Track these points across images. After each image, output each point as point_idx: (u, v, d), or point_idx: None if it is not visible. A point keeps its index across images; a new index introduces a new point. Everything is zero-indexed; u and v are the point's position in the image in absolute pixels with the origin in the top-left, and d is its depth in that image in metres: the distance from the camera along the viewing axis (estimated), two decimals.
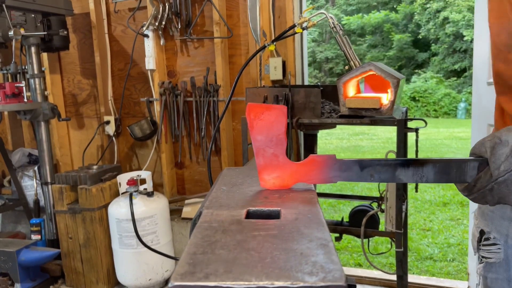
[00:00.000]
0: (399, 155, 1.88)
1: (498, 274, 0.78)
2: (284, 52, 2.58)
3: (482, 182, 0.59)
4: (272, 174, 0.66)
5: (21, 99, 2.59)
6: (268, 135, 0.64)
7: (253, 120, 0.64)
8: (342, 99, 1.84)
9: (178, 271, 0.39)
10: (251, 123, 0.64)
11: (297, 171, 0.66)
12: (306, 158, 0.66)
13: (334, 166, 0.65)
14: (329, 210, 4.59)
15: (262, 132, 0.64)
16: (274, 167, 0.66)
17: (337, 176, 0.66)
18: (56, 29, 2.69)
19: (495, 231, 0.79)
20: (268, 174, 0.66)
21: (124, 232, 2.51)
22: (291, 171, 0.66)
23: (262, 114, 0.63)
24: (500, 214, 0.78)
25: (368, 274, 2.71)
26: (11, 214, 3.38)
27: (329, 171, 0.65)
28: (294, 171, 0.66)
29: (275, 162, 0.65)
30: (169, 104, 2.82)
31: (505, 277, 0.77)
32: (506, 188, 0.55)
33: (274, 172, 0.66)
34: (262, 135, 0.64)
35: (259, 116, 0.63)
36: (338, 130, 10.44)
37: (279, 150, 0.64)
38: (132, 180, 2.54)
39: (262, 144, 0.64)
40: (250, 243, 0.45)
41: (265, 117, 0.63)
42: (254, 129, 0.64)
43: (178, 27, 2.73)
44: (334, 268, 0.39)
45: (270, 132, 0.64)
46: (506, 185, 0.55)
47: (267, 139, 0.64)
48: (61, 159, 3.22)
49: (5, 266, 2.52)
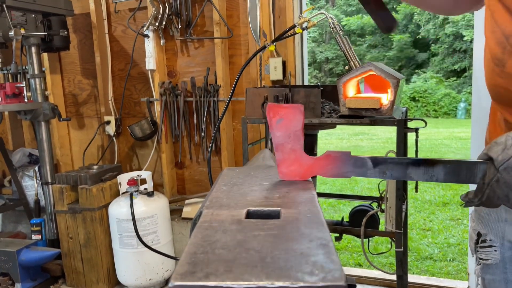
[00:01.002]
0: (399, 155, 1.88)
1: (495, 275, 0.80)
2: (284, 52, 2.58)
3: (489, 175, 0.62)
4: (290, 167, 0.70)
5: (21, 99, 2.59)
6: (287, 131, 0.69)
7: (272, 118, 0.68)
8: (342, 99, 1.84)
9: (178, 271, 0.39)
10: (271, 121, 0.68)
11: (314, 165, 0.70)
12: (323, 153, 0.70)
13: (349, 162, 0.69)
14: (329, 210, 4.59)
15: (281, 129, 0.68)
16: (292, 160, 0.70)
17: (351, 171, 0.69)
18: (57, 29, 2.69)
19: (491, 233, 0.81)
20: (287, 167, 0.70)
21: (124, 232, 2.52)
22: (308, 165, 0.70)
23: (280, 113, 0.68)
24: (496, 216, 0.79)
25: (368, 274, 2.71)
26: (12, 214, 3.38)
27: (344, 167, 0.69)
28: (311, 165, 0.70)
29: (293, 156, 0.69)
30: (169, 104, 2.82)
31: (502, 279, 0.79)
32: (508, 175, 0.60)
33: (292, 166, 0.70)
34: (281, 131, 0.68)
35: (278, 114, 0.68)
36: (338, 130, 10.43)
37: (297, 145, 0.69)
38: (133, 180, 2.54)
39: (281, 140, 0.69)
40: (250, 243, 0.46)
41: (284, 115, 0.68)
42: (273, 126, 0.68)
43: (178, 27, 2.73)
44: (334, 268, 0.39)
45: (288, 129, 0.68)
46: (508, 172, 0.60)
47: (285, 135, 0.69)
48: (62, 159, 3.23)
49: (5, 266, 2.52)
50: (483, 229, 0.83)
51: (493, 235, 0.81)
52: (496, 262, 0.79)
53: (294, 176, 0.70)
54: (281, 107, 0.68)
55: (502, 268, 0.79)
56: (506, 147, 0.60)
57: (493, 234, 0.81)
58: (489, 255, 0.81)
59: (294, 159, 0.69)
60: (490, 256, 0.80)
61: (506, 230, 0.78)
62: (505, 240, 0.79)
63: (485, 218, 0.82)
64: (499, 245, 0.80)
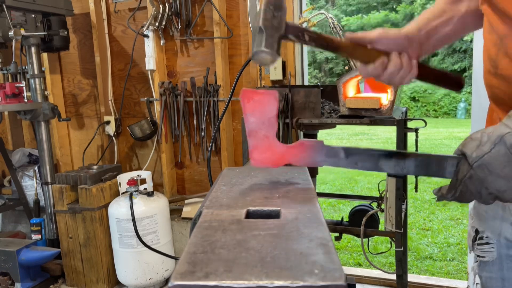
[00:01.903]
0: None
1: (492, 273, 0.80)
2: (284, 52, 2.58)
3: (462, 171, 0.62)
4: (263, 154, 0.69)
5: (21, 99, 2.59)
6: (260, 117, 0.67)
7: (247, 103, 0.67)
8: (342, 99, 1.84)
9: (178, 271, 0.39)
10: (245, 106, 0.67)
11: (287, 153, 0.69)
12: (296, 142, 0.69)
13: (321, 151, 0.68)
14: (329, 209, 4.59)
15: (255, 114, 0.67)
16: (265, 148, 0.68)
17: (324, 161, 0.68)
18: (56, 29, 2.69)
19: (489, 231, 0.82)
20: (259, 154, 0.69)
21: (124, 231, 2.52)
22: (280, 153, 0.69)
23: (255, 98, 0.67)
24: (493, 214, 0.80)
25: (368, 273, 2.71)
26: (11, 214, 3.38)
27: (317, 156, 0.68)
28: (284, 152, 0.69)
29: (266, 143, 0.68)
30: (169, 104, 2.82)
31: (499, 276, 0.80)
32: (482, 172, 0.60)
33: (265, 153, 0.69)
34: (255, 117, 0.67)
35: (252, 99, 0.67)
36: (338, 130, 10.43)
37: (270, 132, 0.68)
38: (132, 180, 2.54)
39: (254, 126, 0.68)
40: (250, 242, 0.46)
41: (258, 101, 0.67)
42: (247, 112, 0.67)
43: (178, 27, 2.73)
44: (334, 268, 0.39)
45: (263, 115, 0.67)
46: (482, 169, 0.60)
47: (259, 122, 0.67)
48: (61, 159, 3.23)
49: (5, 266, 2.52)
50: (481, 226, 0.84)
51: (490, 232, 0.81)
52: (493, 259, 0.80)
53: (267, 163, 0.69)
54: (256, 93, 0.67)
55: (499, 265, 0.80)
56: (481, 143, 0.60)
57: (490, 231, 0.81)
58: (486, 252, 0.81)
59: (267, 146, 0.68)
60: (487, 253, 0.81)
61: (503, 227, 0.79)
62: (502, 237, 0.80)
63: (482, 215, 0.83)
64: (495, 242, 0.80)
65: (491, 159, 0.58)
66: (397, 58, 0.78)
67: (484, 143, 0.60)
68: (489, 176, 0.59)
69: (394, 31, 0.81)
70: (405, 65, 0.79)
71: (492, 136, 0.60)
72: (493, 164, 0.58)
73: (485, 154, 0.59)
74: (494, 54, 0.73)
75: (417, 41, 0.82)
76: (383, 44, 0.79)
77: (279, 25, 0.76)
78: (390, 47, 0.79)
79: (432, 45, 0.85)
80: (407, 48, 0.80)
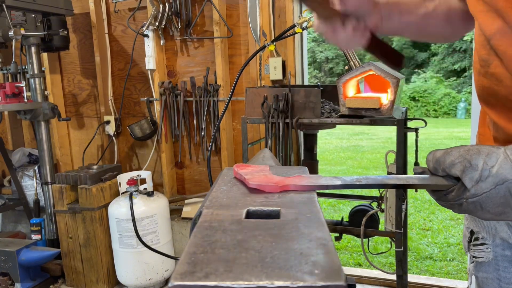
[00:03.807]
0: (399, 155, 1.88)
1: (488, 273, 0.80)
2: (284, 52, 2.58)
3: (454, 196, 0.61)
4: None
5: (21, 99, 2.59)
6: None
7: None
8: (342, 99, 1.84)
9: (178, 271, 0.39)
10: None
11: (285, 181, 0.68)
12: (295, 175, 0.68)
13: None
14: (329, 209, 4.59)
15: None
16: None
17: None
18: (56, 29, 2.69)
19: (484, 231, 0.81)
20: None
21: (124, 231, 2.52)
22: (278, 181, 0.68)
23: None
24: None
25: (368, 273, 2.71)
26: (11, 214, 3.38)
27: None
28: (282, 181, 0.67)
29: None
30: (169, 104, 2.82)
31: (495, 276, 0.79)
32: (473, 207, 0.58)
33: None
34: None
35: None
36: (338, 130, 10.43)
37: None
38: (132, 180, 2.54)
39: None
40: (250, 242, 0.46)
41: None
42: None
43: (178, 27, 2.73)
44: (334, 268, 0.39)
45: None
46: (474, 206, 0.58)
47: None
48: (61, 159, 3.23)
49: (5, 266, 2.52)
50: (476, 226, 0.83)
51: (486, 232, 0.81)
52: (489, 259, 0.80)
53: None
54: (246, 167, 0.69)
55: (495, 265, 0.79)
56: (481, 178, 0.57)
57: (486, 231, 0.81)
58: (482, 253, 0.81)
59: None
60: (482, 254, 0.81)
61: (498, 227, 0.79)
62: (497, 238, 0.79)
63: None
64: (491, 242, 0.80)
65: (487, 199, 0.57)
66: (350, 28, 0.77)
67: (485, 179, 0.57)
68: (479, 211, 0.59)
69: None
70: (356, 36, 0.78)
71: (494, 174, 0.56)
72: (488, 203, 0.57)
73: (484, 193, 0.57)
74: (485, 54, 0.73)
75: (379, 12, 0.81)
76: (348, 2, 0.77)
77: None
78: (353, 4, 0.77)
79: (393, 27, 0.84)
80: (369, 13, 0.79)
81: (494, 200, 0.56)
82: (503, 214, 0.57)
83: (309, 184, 0.63)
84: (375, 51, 0.85)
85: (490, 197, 0.56)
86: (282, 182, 0.64)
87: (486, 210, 0.57)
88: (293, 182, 0.64)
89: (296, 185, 0.63)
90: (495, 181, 0.55)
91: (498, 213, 0.57)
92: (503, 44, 0.68)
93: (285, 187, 0.64)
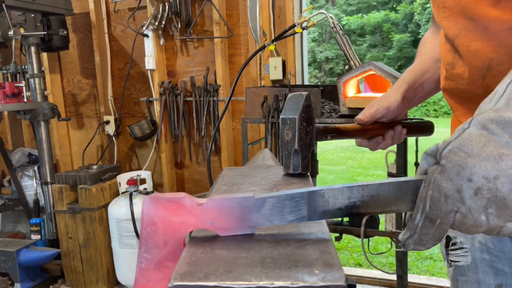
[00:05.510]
0: (399, 155, 1.88)
1: (467, 276, 0.80)
2: (284, 52, 2.58)
3: (429, 172, 0.47)
4: None
5: (21, 99, 2.59)
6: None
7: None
8: (342, 99, 1.84)
9: (178, 271, 0.39)
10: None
11: None
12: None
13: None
14: None
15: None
16: None
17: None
18: (56, 28, 2.69)
19: (461, 236, 0.81)
20: None
21: (124, 231, 2.51)
22: None
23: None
24: None
25: (368, 274, 2.71)
26: (11, 214, 3.38)
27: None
28: None
29: None
30: (169, 104, 2.82)
31: (474, 279, 0.79)
32: (457, 156, 0.44)
33: None
34: None
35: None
36: None
37: None
38: (132, 180, 2.54)
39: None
40: (250, 243, 0.45)
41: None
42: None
43: (178, 26, 2.73)
44: (334, 268, 0.39)
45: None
46: (455, 153, 0.45)
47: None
48: (61, 159, 3.22)
49: (5, 266, 2.51)
50: (452, 232, 0.82)
51: (463, 237, 0.81)
52: (468, 263, 0.79)
53: None
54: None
55: (474, 269, 0.79)
56: (444, 141, 0.46)
57: (463, 236, 0.81)
58: (460, 257, 0.81)
59: None
60: (461, 258, 0.80)
61: None
62: (476, 241, 0.79)
63: None
64: (469, 247, 0.80)
65: (463, 141, 0.44)
66: (390, 138, 0.92)
67: (452, 137, 0.46)
68: (468, 158, 0.43)
69: (393, 102, 0.91)
70: (394, 141, 0.93)
71: (458, 128, 0.47)
72: (468, 144, 0.44)
73: (454, 139, 0.45)
74: (451, 57, 0.76)
75: (407, 102, 0.93)
76: (387, 118, 0.91)
77: (311, 142, 0.76)
78: (393, 116, 0.91)
79: (417, 101, 0.97)
80: (403, 110, 0.93)
81: (472, 140, 0.43)
82: (504, 157, 0.42)
83: None
84: (411, 135, 1.02)
85: (465, 138, 0.44)
86: None
87: (476, 155, 0.43)
88: None
89: None
90: (460, 127, 0.46)
91: (496, 156, 0.42)
92: (466, 40, 0.70)
93: None
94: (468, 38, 0.70)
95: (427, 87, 0.94)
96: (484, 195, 0.42)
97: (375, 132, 0.92)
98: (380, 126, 0.92)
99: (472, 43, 0.69)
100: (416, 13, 18.21)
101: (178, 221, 0.46)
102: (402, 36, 18.19)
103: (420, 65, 0.96)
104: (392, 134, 0.92)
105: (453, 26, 0.73)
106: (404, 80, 0.95)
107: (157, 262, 0.47)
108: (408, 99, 0.94)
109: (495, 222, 0.42)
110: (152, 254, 0.46)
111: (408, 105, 0.95)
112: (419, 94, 0.95)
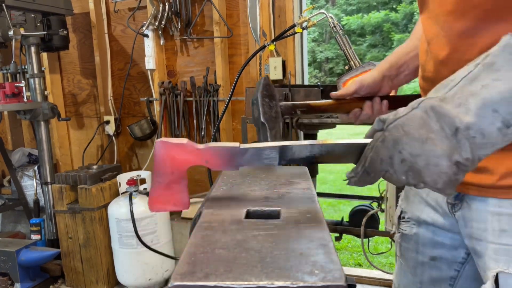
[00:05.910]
0: None
1: (409, 244, 0.96)
2: (284, 52, 2.58)
3: (375, 137, 0.60)
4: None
5: (21, 99, 2.58)
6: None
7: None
8: None
9: (178, 271, 0.39)
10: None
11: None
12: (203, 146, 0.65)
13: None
14: (329, 210, 4.59)
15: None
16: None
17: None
18: (56, 28, 2.69)
19: (410, 212, 0.96)
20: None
21: (124, 232, 2.51)
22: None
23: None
24: (418, 199, 0.93)
25: (368, 273, 2.71)
26: (11, 214, 3.38)
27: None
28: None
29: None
30: (169, 104, 2.82)
31: (414, 248, 0.95)
32: (397, 132, 0.57)
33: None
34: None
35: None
36: (338, 130, 10.41)
37: None
38: (132, 180, 2.54)
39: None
40: (250, 243, 0.46)
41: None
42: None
43: (178, 26, 2.73)
44: (334, 268, 0.39)
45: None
46: (396, 129, 0.57)
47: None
48: (61, 159, 3.22)
49: (5, 266, 2.52)
50: (406, 207, 0.97)
51: (411, 213, 0.95)
52: (411, 234, 0.95)
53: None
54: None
55: (415, 239, 0.94)
56: (397, 112, 0.58)
57: (412, 213, 0.95)
58: (407, 227, 0.96)
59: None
60: (407, 228, 0.96)
61: (424, 211, 0.91)
62: (420, 219, 0.92)
63: (410, 199, 0.97)
64: (416, 223, 0.94)
65: (406, 120, 0.56)
66: (369, 108, 0.96)
67: (401, 111, 0.58)
68: (404, 136, 0.55)
69: (368, 77, 0.97)
70: (375, 112, 0.96)
71: (409, 105, 0.58)
72: (409, 124, 0.55)
73: (401, 116, 0.57)
74: (424, 60, 0.81)
75: (388, 77, 0.97)
76: (361, 93, 0.96)
77: (276, 114, 0.86)
78: (368, 91, 0.97)
79: (404, 79, 1.00)
80: (381, 87, 0.97)
81: (414, 121, 0.55)
82: (429, 141, 0.54)
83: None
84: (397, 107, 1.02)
85: (409, 118, 0.56)
86: None
87: (411, 135, 0.55)
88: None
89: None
90: (410, 105, 0.58)
91: (424, 139, 0.54)
92: (436, 48, 0.76)
93: None
94: (438, 46, 0.75)
95: (413, 64, 0.97)
96: (407, 164, 0.56)
97: (351, 105, 0.97)
98: (356, 99, 0.97)
99: (440, 52, 0.75)
100: (416, 13, 18.20)
101: (182, 158, 0.62)
102: (402, 36, 18.18)
103: (407, 44, 1.00)
104: (369, 104, 0.96)
105: (429, 29, 0.78)
106: (387, 60, 1.00)
107: (166, 184, 0.63)
108: (391, 77, 0.98)
109: (411, 181, 0.57)
110: (163, 178, 0.63)
111: (392, 82, 0.99)
112: (404, 71, 0.99)
